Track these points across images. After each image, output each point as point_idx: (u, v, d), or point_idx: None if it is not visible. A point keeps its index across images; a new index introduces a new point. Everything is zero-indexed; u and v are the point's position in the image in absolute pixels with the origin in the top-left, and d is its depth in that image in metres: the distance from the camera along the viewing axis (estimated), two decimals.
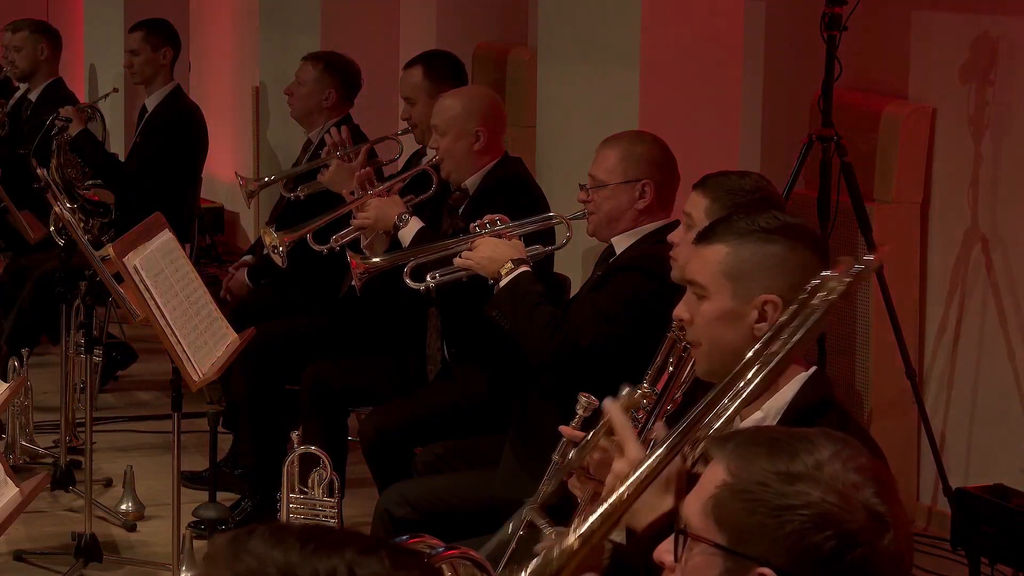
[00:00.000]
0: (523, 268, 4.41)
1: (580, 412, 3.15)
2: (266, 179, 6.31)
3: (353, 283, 4.92)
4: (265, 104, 8.66)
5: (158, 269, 4.55)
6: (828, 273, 2.49)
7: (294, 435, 4.24)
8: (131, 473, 5.67)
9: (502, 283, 4.40)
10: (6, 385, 4.17)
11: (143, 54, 7.37)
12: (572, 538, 2.32)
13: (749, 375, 2.50)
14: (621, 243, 4.36)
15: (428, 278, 4.58)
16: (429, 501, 4.32)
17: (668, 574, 2.07)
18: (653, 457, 2.41)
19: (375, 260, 4.87)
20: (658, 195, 4.33)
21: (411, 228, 5.06)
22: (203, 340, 4.62)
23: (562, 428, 3.12)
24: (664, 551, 2.08)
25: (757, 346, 2.49)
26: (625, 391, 2.89)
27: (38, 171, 5.41)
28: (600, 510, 2.37)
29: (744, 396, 2.49)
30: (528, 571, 2.34)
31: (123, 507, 5.62)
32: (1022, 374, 5.28)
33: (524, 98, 7.17)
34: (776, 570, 1.93)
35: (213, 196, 9.49)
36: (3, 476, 3.73)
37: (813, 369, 2.85)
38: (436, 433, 4.79)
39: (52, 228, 5.68)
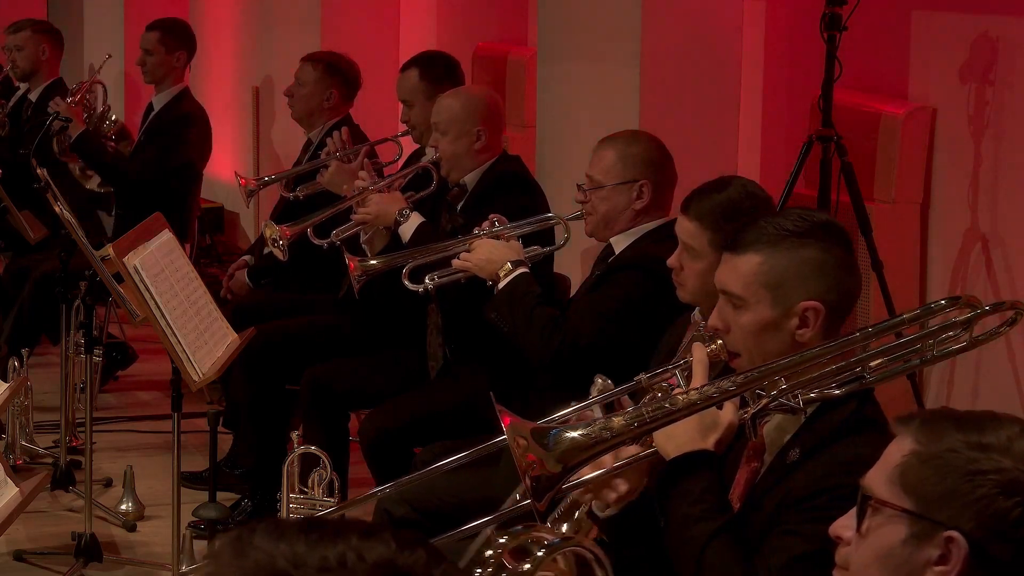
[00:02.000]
0: (521, 270, 4.40)
1: (594, 394, 3.13)
2: (266, 178, 6.31)
3: (352, 285, 4.93)
4: (265, 104, 8.66)
5: (158, 269, 4.55)
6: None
7: (294, 435, 4.24)
8: (131, 473, 5.67)
9: (500, 285, 4.40)
10: (6, 385, 4.17)
11: (157, 55, 7.37)
12: (618, 419, 2.61)
13: (819, 372, 2.69)
14: (620, 243, 4.36)
15: (427, 280, 4.58)
16: (429, 501, 4.32)
17: (844, 548, 2.12)
18: (715, 389, 2.64)
19: (372, 263, 4.88)
20: (655, 195, 4.33)
21: (411, 224, 5.08)
22: (203, 340, 4.62)
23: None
24: (841, 526, 2.13)
25: (840, 347, 2.71)
26: (718, 342, 2.95)
27: (38, 171, 5.41)
28: (648, 410, 2.61)
29: (802, 380, 2.68)
30: (579, 432, 2.59)
31: (123, 507, 5.62)
32: (1022, 374, 5.27)
33: (524, 98, 7.17)
34: (963, 534, 1.97)
35: (213, 196, 9.48)
36: (3, 476, 3.73)
37: None
38: (436, 433, 4.79)
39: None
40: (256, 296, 6.27)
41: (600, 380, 3.12)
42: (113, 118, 7.93)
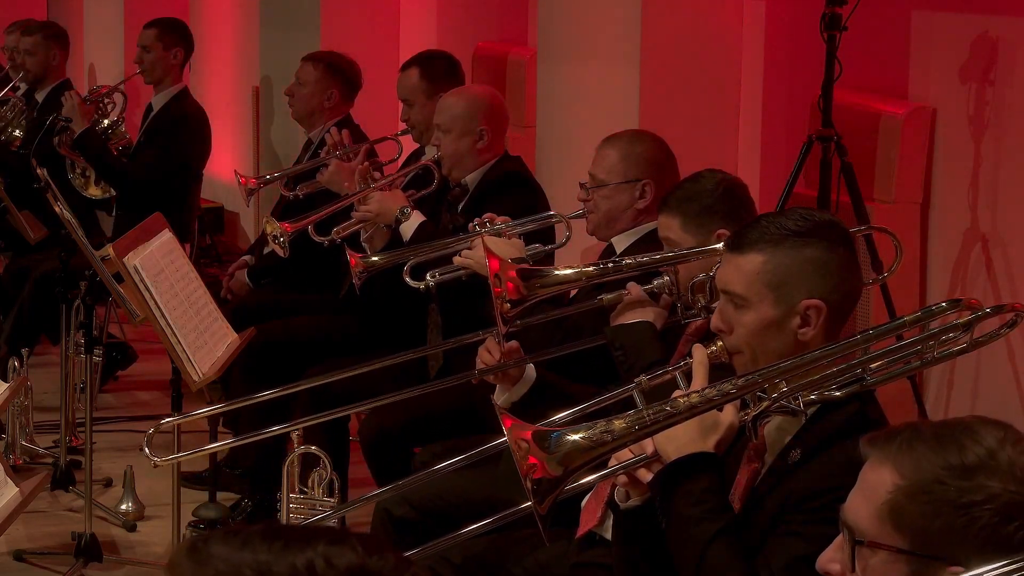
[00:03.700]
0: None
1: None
2: (266, 177, 6.31)
3: (353, 282, 4.92)
4: (265, 104, 8.66)
5: (158, 269, 4.55)
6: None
7: (294, 435, 4.24)
8: (131, 473, 5.67)
9: None
10: (6, 385, 4.17)
11: (154, 52, 7.36)
12: (619, 422, 2.59)
13: (820, 375, 2.69)
14: (621, 242, 4.36)
15: (428, 277, 4.57)
16: (429, 501, 4.31)
17: None
18: (716, 391, 2.62)
19: (374, 259, 4.87)
20: (658, 194, 4.32)
21: (412, 222, 5.07)
22: (203, 340, 4.61)
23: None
24: (829, 560, 2.07)
25: (841, 349, 2.70)
26: (719, 344, 2.94)
27: (38, 171, 5.41)
28: (648, 412, 2.59)
29: (804, 382, 2.67)
30: (580, 435, 2.58)
31: (123, 507, 5.62)
32: (1022, 374, 5.27)
33: (524, 98, 7.17)
34: (966, 566, 1.92)
35: (213, 196, 9.49)
36: (3, 476, 3.72)
37: None
38: (436, 433, 4.78)
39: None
40: (256, 296, 6.27)
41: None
42: (123, 130, 7.89)
